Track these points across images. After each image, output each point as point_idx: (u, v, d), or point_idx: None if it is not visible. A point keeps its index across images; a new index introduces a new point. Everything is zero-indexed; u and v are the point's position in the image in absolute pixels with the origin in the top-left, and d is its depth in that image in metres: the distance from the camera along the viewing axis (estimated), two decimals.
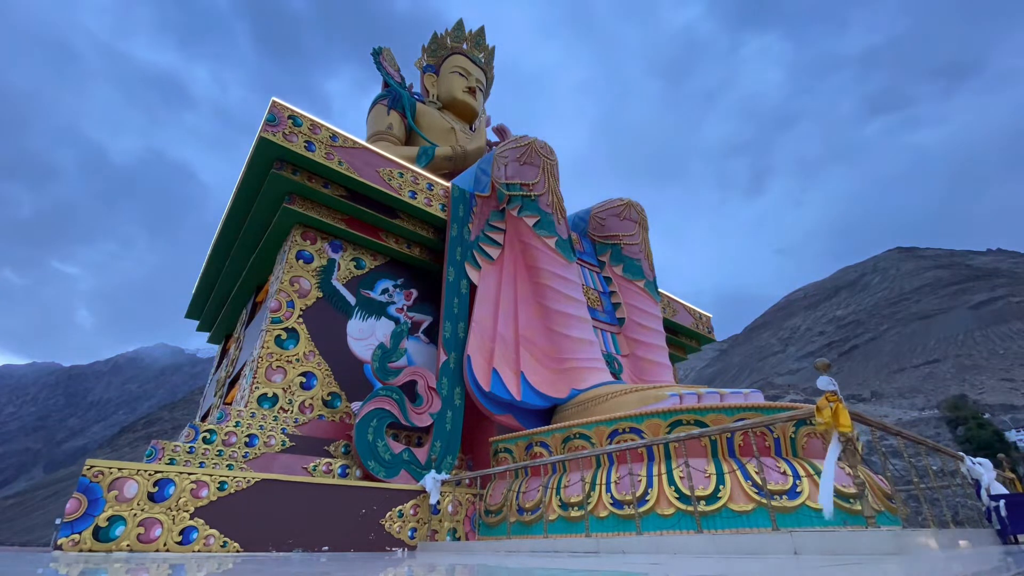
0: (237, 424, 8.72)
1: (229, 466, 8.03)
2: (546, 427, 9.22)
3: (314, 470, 8.69)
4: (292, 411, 9.67)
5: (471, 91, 21.33)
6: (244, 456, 8.33)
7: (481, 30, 22.72)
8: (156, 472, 6.61)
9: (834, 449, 4.88)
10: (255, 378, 9.56)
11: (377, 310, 11.86)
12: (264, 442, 8.74)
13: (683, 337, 19.75)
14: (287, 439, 9.04)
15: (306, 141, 10.67)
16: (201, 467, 7.58)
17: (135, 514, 6.29)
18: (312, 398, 10.03)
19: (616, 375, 13.00)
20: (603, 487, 7.61)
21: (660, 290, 16.77)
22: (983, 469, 7.72)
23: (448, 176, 16.75)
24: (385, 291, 12.20)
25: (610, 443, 8.10)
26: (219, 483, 6.92)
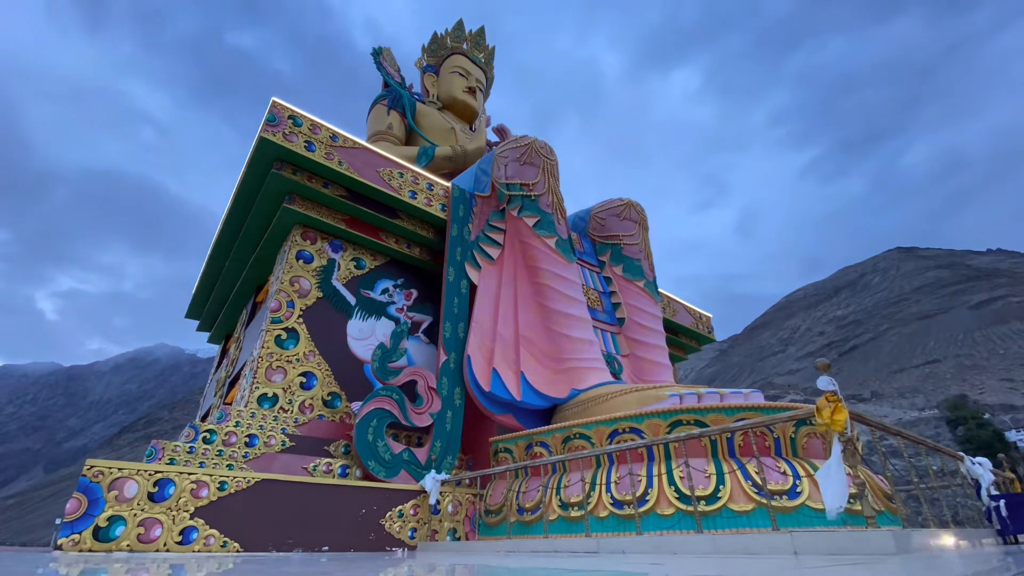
0: (237, 424, 8.72)
1: (229, 466, 8.03)
2: (546, 427, 9.22)
3: (314, 470, 8.69)
4: (292, 411, 9.67)
5: (471, 91, 21.33)
6: (244, 456, 8.33)
7: (481, 30, 22.73)
8: (156, 472, 6.61)
9: (837, 449, 4.87)
10: (255, 378, 9.56)
11: (377, 310, 11.86)
12: (264, 442, 8.74)
13: (683, 337, 19.75)
14: (287, 439, 9.04)
15: (306, 141, 10.67)
16: (201, 467, 7.58)
17: (135, 514, 6.29)
18: (312, 398, 10.03)
19: (616, 375, 12.99)
20: (603, 487, 7.61)
21: (660, 290, 16.78)
22: (983, 469, 7.72)
23: (448, 176, 16.75)
24: (385, 291, 12.20)
25: (610, 443, 8.10)
26: (219, 483, 6.92)
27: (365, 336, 11.28)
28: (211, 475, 6.94)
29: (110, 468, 6.39)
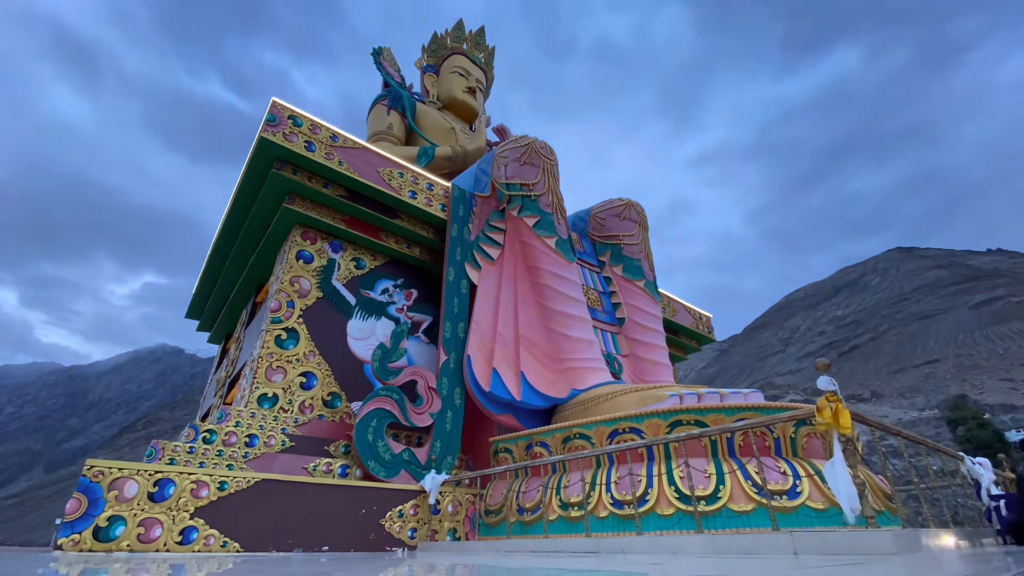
0: (237, 424, 8.73)
1: (229, 466, 8.03)
2: (546, 427, 9.22)
3: (314, 470, 8.69)
4: (292, 411, 9.67)
5: (471, 91, 21.33)
6: (244, 456, 8.33)
7: (481, 30, 22.73)
8: (156, 472, 6.61)
9: (839, 451, 4.88)
10: (255, 378, 9.56)
11: (377, 310, 11.86)
12: (264, 442, 8.74)
13: (683, 337, 19.75)
14: (287, 439, 9.04)
15: (306, 141, 10.67)
16: (201, 467, 7.58)
17: (135, 514, 6.29)
18: (312, 398, 10.03)
19: (616, 375, 13.00)
20: (603, 487, 7.61)
21: (660, 290, 16.78)
22: (983, 469, 7.72)
23: (448, 176, 16.75)
24: (385, 291, 12.20)
25: (610, 443, 8.10)
26: (219, 483, 6.92)
27: (365, 336, 11.28)
28: (211, 475, 6.94)
29: (110, 468, 6.39)
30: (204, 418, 14.86)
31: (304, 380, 10.08)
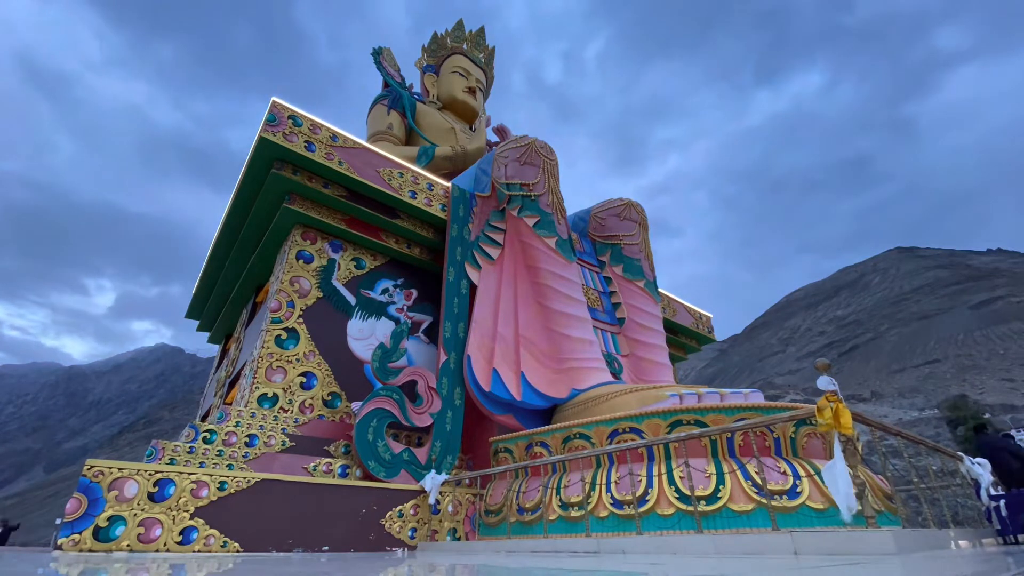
0: (237, 424, 8.73)
1: (229, 466, 8.03)
2: (546, 427, 9.22)
3: (314, 470, 8.69)
4: (292, 411, 9.67)
5: (471, 91, 21.34)
6: (244, 456, 8.33)
7: (481, 30, 22.74)
8: (156, 472, 6.62)
9: (840, 450, 4.88)
10: (255, 378, 9.56)
11: (377, 310, 11.87)
12: (264, 442, 8.74)
13: (683, 337, 19.75)
14: (287, 439, 9.04)
15: (306, 141, 10.67)
16: (201, 467, 7.58)
17: (135, 514, 6.30)
18: (312, 398, 10.03)
19: (616, 375, 13.00)
20: (603, 487, 7.61)
21: (660, 290, 16.78)
22: (982, 469, 7.72)
23: (448, 176, 16.75)
24: (385, 291, 12.21)
25: (610, 443, 8.10)
26: (219, 483, 6.93)
27: (365, 336, 11.29)
28: (211, 475, 6.94)
29: (110, 468, 6.39)
30: (204, 418, 14.86)
31: (304, 380, 10.08)
